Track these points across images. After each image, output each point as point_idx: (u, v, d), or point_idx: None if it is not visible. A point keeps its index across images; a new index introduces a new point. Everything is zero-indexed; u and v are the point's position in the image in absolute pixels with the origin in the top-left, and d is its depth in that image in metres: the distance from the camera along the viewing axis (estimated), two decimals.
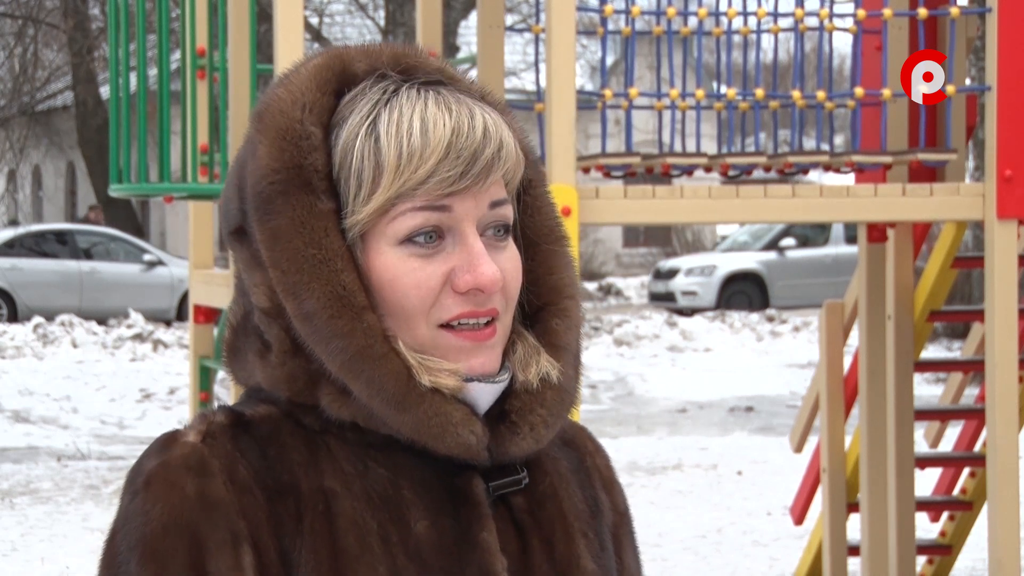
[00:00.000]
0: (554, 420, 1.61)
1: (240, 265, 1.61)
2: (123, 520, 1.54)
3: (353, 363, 1.53)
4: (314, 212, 1.55)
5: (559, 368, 1.61)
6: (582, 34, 6.11)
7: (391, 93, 1.57)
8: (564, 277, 1.64)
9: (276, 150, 1.56)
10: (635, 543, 1.76)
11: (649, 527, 9.84)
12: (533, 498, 1.63)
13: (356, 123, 1.56)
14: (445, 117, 1.54)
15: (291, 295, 1.54)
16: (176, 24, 9.69)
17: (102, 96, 27.69)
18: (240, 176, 1.60)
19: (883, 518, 6.35)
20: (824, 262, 26.88)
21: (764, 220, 5.93)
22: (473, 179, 1.54)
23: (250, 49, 6.03)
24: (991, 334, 5.26)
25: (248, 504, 1.53)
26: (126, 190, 6.36)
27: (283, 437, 1.57)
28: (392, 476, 1.57)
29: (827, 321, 6.82)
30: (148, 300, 23.00)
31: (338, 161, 1.56)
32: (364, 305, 1.54)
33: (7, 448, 13.08)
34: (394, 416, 1.54)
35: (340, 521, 1.54)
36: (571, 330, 1.64)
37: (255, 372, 1.61)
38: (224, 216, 1.63)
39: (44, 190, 38.81)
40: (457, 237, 1.56)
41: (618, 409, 15.97)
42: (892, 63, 5.48)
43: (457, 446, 1.55)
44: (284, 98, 1.58)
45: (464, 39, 26.62)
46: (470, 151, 1.54)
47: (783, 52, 26.59)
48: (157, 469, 1.54)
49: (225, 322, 1.66)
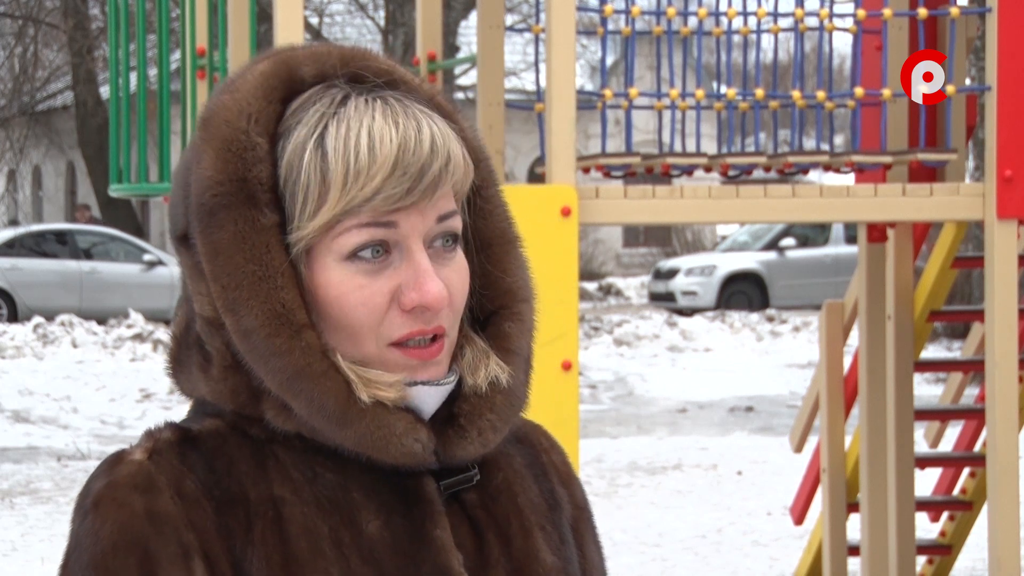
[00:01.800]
0: (503, 424, 1.60)
1: (185, 272, 1.60)
2: (75, 543, 1.54)
3: (292, 382, 1.52)
4: (256, 227, 1.52)
5: (509, 372, 1.60)
6: (582, 34, 6.11)
7: (339, 104, 1.54)
8: (518, 280, 1.63)
9: (220, 161, 1.53)
10: (596, 537, 1.74)
11: (649, 527, 9.85)
12: (487, 493, 1.62)
13: (303, 136, 1.54)
14: (392, 132, 1.52)
15: (230, 311, 1.53)
16: (176, 24, 9.69)
17: (102, 96, 27.68)
18: (185, 182, 1.58)
19: (883, 518, 6.35)
20: (824, 262, 26.87)
21: (764, 220, 5.94)
22: (420, 195, 1.52)
23: (250, 49, 6.03)
24: (991, 334, 5.26)
25: (197, 516, 1.52)
26: (126, 190, 6.36)
27: (230, 449, 1.56)
28: (341, 480, 1.56)
29: (827, 321, 6.82)
30: (148, 300, 23.00)
31: (283, 174, 1.54)
32: (304, 323, 1.53)
33: (7, 448, 13.08)
34: (336, 432, 1.53)
35: (291, 528, 1.53)
36: (524, 335, 1.63)
37: (199, 384, 1.59)
38: (172, 221, 1.62)
39: (44, 190, 38.81)
40: (404, 252, 1.54)
41: (618, 409, 15.98)
42: (892, 63, 5.48)
43: (402, 455, 1.54)
44: (230, 106, 1.55)
45: (464, 39, 26.61)
46: (417, 167, 1.52)
47: (783, 52, 26.58)
48: (104, 489, 1.53)
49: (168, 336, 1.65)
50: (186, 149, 1.61)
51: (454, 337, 1.58)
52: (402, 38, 23.04)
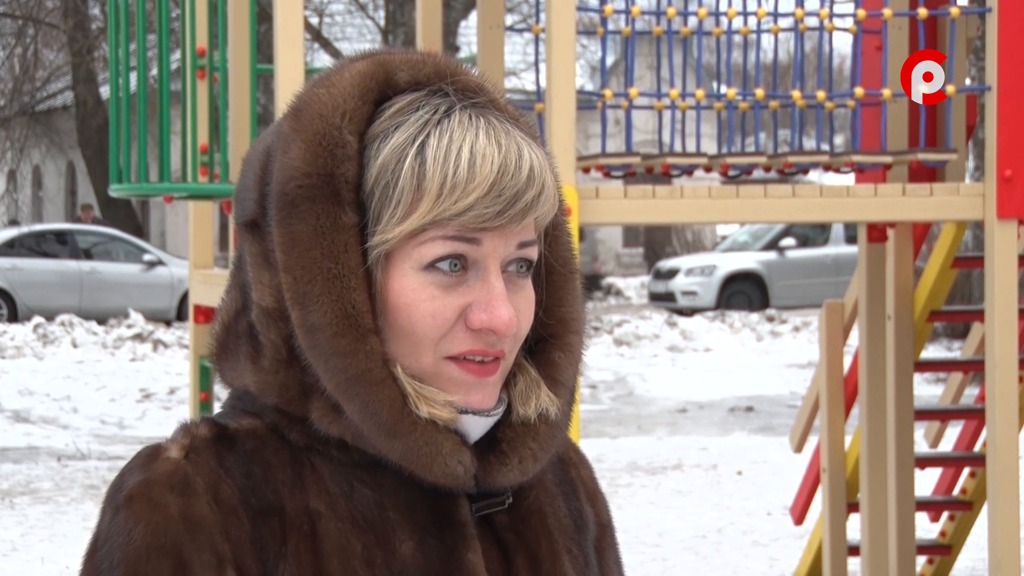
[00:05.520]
0: (543, 455, 1.60)
1: (248, 259, 1.58)
2: (104, 538, 1.52)
3: (350, 385, 1.51)
4: (338, 225, 1.52)
5: (558, 405, 1.60)
6: (582, 34, 6.11)
7: (443, 114, 1.54)
8: (572, 311, 1.63)
9: (310, 154, 1.52)
10: (618, 555, 1.75)
11: (649, 527, 9.85)
12: (517, 515, 1.62)
13: (403, 140, 1.53)
14: (494, 152, 1.52)
15: (299, 304, 1.52)
16: (176, 24, 9.69)
17: (102, 96, 27.68)
18: (265, 169, 1.56)
19: (883, 518, 6.35)
20: (824, 262, 26.88)
21: (764, 220, 5.93)
22: (509, 219, 1.52)
23: (250, 49, 6.03)
24: (991, 334, 5.26)
25: (232, 526, 1.51)
26: (126, 190, 6.36)
27: (267, 454, 1.55)
28: (377, 497, 1.56)
29: (827, 321, 6.82)
30: (148, 300, 23.00)
31: (373, 175, 1.53)
32: (370, 328, 1.52)
33: (7, 448, 13.08)
34: (384, 442, 1.53)
35: (325, 544, 1.52)
36: (571, 366, 1.62)
37: (245, 375, 1.58)
38: (239, 205, 1.59)
39: (44, 190, 38.81)
40: (480, 272, 1.54)
41: (618, 409, 15.98)
42: (892, 63, 5.48)
43: (444, 476, 1.54)
44: (325, 101, 1.55)
45: (464, 39, 26.61)
46: (512, 191, 1.51)
47: (783, 52, 26.59)
48: (139, 487, 1.52)
49: (214, 324, 1.64)
50: (267, 134, 1.59)
51: (509, 364, 1.58)
52: (402, 38, 23.03)
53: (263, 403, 1.57)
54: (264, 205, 1.55)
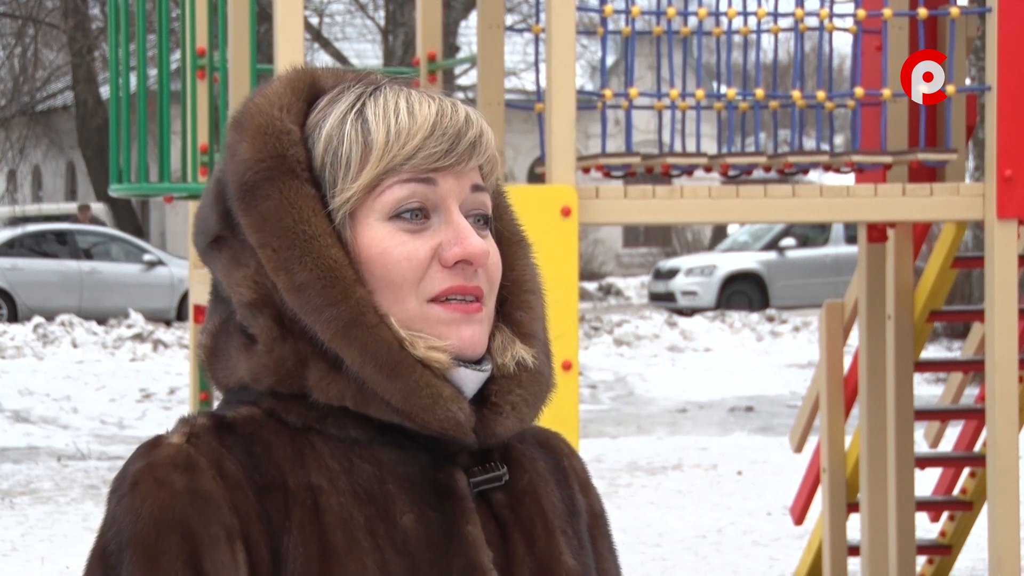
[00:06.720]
0: (534, 400, 1.65)
1: (220, 276, 1.63)
2: (110, 523, 1.53)
3: (347, 330, 1.56)
4: (300, 193, 1.59)
5: (533, 353, 1.66)
6: (582, 34, 6.10)
7: (373, 89, 1.64)
8: (524, 272, 1.69)
9: (259, 143, 1.60)
10: (612, 544, 1.78)
11: (649, 527, 9.85)
12: (513, 494, 1.65)
13: (341, 112, 1.62)
14: (429, 102, 1.62)
15: (283, 270, 1.57)
16: (176, 24, 9.69)
17: (102, 96, 27.67)
18: (219, 184, 1.63)
19: (883, 518, 6.35)
20: (824, 262, 26.87)
21: (764, 220, 5.94)
22: (457, 157, 1.60)
23: (250, 49, 6.03)
24: (991, 334, 5.26)
25: (239, 500, 1.53)
26: (126, 190, 6.36)
27: (267, 435, 1.59)
28: (377, 471, 1.59)
29: (827, 321, 6.83)
30: (148, 300, 22.99)
31: (320, 150, 1.61)
32: (354, 279, 1.58)
33: (7, 448, 13.08)
34: (386, 384, 1.56)
35: (327, 516, 1.55)
36: (536, 320, 1.69)
37: (238, 367, 1.61)
38: (201, 233, 1.65)
39: (44, 190, 38.79)
40: (443, 215, 1.60)
41: (618, 409, 15.98)
42: (892, 63, 5.48)
43: (447, 420, 1.57)
44: (260, 103, 1.63)
45: (464, 39, 26.60)
46: (454, 130, 1.60)
47: (783, 52, 26.56)
48: (143, 470, 1.54)
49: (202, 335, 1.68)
50: (216, 164, 1.68)
51: (491, 310, 1.63)
52: (402, 38, 23.03)
53: (258, 391, 1.60)
54: (227, 215, 1.61)
